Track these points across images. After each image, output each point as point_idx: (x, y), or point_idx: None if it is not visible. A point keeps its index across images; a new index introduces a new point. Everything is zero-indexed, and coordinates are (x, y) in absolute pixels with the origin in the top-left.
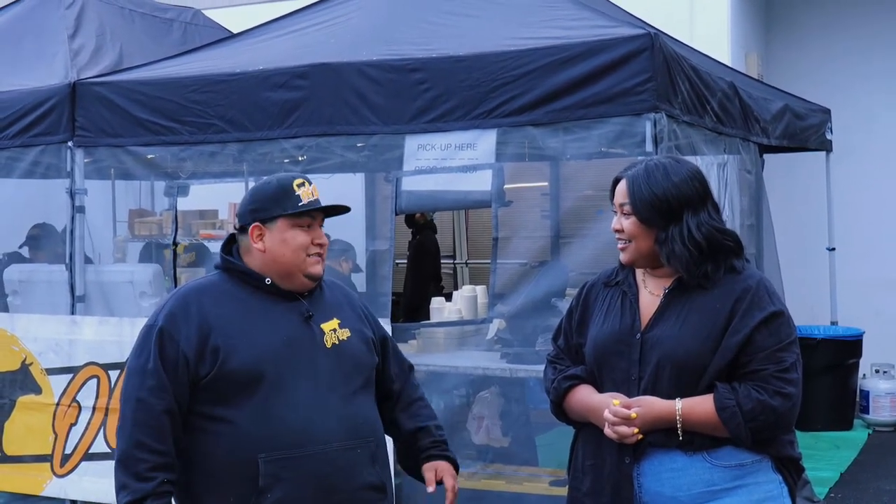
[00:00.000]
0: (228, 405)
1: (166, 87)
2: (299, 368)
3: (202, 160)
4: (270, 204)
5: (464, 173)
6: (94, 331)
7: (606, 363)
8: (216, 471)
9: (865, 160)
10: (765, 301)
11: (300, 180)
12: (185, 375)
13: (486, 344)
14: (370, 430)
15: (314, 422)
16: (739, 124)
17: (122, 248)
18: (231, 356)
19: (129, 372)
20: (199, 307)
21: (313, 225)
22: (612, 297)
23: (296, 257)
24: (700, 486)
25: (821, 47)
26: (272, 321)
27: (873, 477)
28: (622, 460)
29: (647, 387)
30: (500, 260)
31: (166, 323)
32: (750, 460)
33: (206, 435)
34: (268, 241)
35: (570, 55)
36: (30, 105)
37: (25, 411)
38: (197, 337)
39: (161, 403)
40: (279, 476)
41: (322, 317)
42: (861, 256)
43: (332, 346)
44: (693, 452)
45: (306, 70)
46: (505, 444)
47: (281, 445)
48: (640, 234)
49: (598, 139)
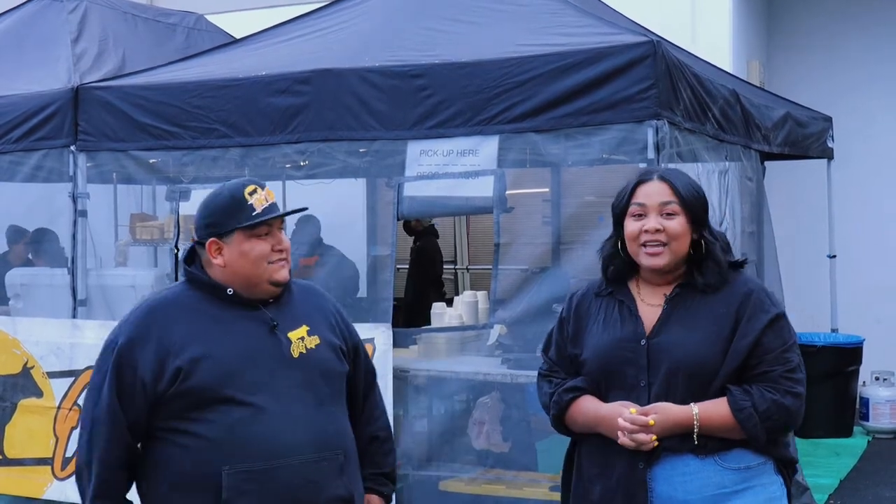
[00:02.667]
0: (191, 419)
1: (169, 91)
2: (264, 380)
3: (204, 165)
4: (224, 217)
5: (465, 179)
6: (95, 334)
7: (612, 371)
8: (180, 483)
9: (866, 168)
10: (767, 304)
11: (251, 187)
12: (141, 399)
13: (486, 349)
14: (338, 441)
15: (279, 434)
16: (741, 132)
17: (123, 252)
18: (192, 374)
19: (89, 385)
20: (160, 326)
21: (271, 231)
22: (608, 306)
23: (256, 268)
24: (711, 489)
25: (822, 55)
26: (235, 333)
27: (873, 484)
28: (635, 466)
29: (658, 392)
30: (502, 266)
31: (124, 347)
32: (756, 462)
33: (171, 447)
34: (226, 254)
35: (573, 62)
36: (33, 109)
37: (27, 414)
38: (155, 359)
39: (112, 429)
40: (242, 489)
41: (289, 325)
42: (862, 264)
43: (300, 355)
44: (705, 456)
45: (308, 76)
46: (505, 450)
47: (245, 458)
48: (683, 235)
49: (599, 146)
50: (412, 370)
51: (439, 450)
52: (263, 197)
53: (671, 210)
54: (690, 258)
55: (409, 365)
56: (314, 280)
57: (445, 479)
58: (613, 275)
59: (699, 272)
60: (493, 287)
